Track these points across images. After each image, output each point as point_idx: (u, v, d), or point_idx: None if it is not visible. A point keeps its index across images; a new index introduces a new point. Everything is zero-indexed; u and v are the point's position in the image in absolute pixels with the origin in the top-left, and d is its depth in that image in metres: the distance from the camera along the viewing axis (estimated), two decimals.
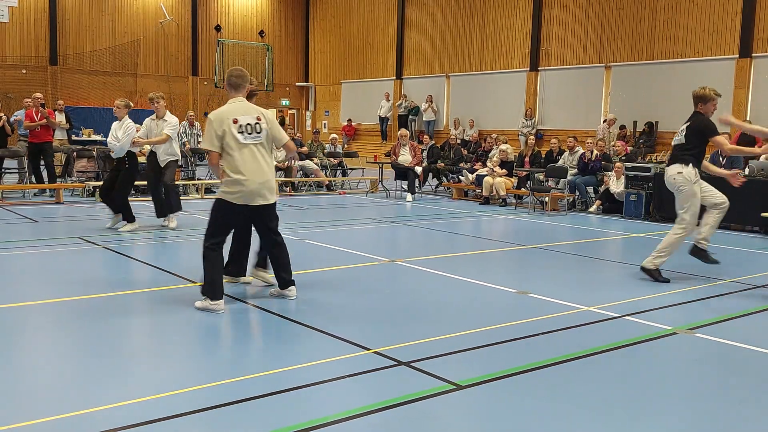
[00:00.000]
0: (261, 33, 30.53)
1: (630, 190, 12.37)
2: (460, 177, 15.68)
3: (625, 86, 20.26)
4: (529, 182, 14.32)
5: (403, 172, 15.13)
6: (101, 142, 17.41)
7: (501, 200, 14.15)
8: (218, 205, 5.70)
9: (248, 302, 5.89)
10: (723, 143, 7.01)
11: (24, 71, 25.56)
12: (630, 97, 20.05)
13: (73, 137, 18.37)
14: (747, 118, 17.04)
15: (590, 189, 13.60)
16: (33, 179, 13.77)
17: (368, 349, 4.63)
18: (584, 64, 21.27)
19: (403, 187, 15.23)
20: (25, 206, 11.96)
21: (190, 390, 3.88)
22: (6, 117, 13.90)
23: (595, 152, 13.69)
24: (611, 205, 12.92)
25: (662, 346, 4.95)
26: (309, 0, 31.53)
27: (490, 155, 15.43)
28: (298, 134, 19.61)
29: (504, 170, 14.35)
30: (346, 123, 29.04)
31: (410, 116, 25.79)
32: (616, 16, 20.40)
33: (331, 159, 17.75)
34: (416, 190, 15.11)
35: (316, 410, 3.64)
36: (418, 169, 15.17)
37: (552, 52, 22.09)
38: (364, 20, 28.85)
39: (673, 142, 7.18)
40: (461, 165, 16.09)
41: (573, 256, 8.60)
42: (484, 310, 5.83)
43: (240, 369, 4.29)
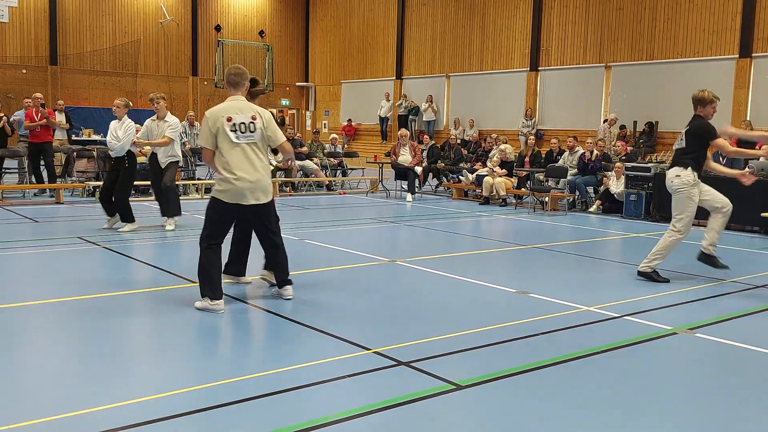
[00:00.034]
0: (261, 33, 30.53)
1: (630, 190, 12.37)
2: (460, 177, 15.68)
3: (625, 86, 20.26)
4: (529, 182, 14.33)
5: (403, 172, 15.13)
6: (101, 142, 17.39)
7: (501, 200, 14.15)
8: (212, 204, 5.70)
9: (248, 302, 5.89)
10: (724, 146, 7.02)
11: (24, 71, 25.57)
12: (630, 97, 20.05)
13: (73, 137, 18.38)
14: (747, 118, 17.06)
15: (590, 189, 13.60)
16: (33, 179, 13.77)
17: (368, 349, 4.63)
18: (584, 64, 21.27)
19: (403, 187, 15.23)
20: (25, 206, 11.96)
21: (190, 390, 3.89)
22: (6, 117, 13.91)
23: (595, 152, 13.69)
24: (611, 205, 12.92)
25: (662, 346, 4.95)
26: (309, 0, 31.54)
27: (490, 155, 15.42)
28: (298, 134, 19.59)
29: (504, 170, 14.35)
30: (346, 123, 29.04)
31: (410, 116, 25.79)
32: (616, 16, 20.40)
33: (331, 159, 17.76)
34: (416, 190, 15.11)
35: (316, 410, 3.64)
36: (418, 169, 15.17)
37: (552, 52, 22.09)
38: (364, 20, 28.85)
39: (675, 146, 7.20)
40: (461, 165, 16.08)
41: (573, 256, 8.61)
42: (484, 310, 5.83)
43: (240, 369, 4.29)
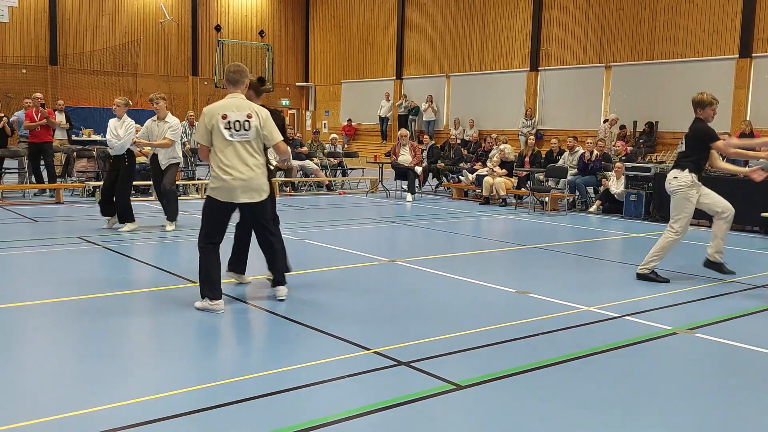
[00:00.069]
0: (261, 33, 30.53)
1: (630, 190, 12.37)
2: (460, 177, 15.68)
3: (625, 86, 20.26)
4: (529, 182, 14.32)
5: (403, 172, 15.13)
6: (101, 142, 17.39)
7: (501, 200, 14.15)
8: (207, 203, 5.69)
9: (248, 302, 5.89)
10: (723, 148, 7.02)
11: (24, 71, 25.56)
12: (630, 97, 20.05)
13: (73, 137, 18.38)
14: (747, 118, 17.07)
15: (590, 189, 13.60)
16: (33, 179, 13.77)
17: (368, 349, 4.63)
18: (584, 64, 21.27)
19: (403, 187, 15.22)
20: (24, 206, 11.96)
21: (189, 390, 3.88)
22: (6, 117, 13.91)
23: (595, 152, 13.69)
24: (611, 205, 12.92)
25: (662, 346, 4.94)
26: (309, 0, 31.54)
27: (490, 155, 15.41)
28: (298, 134, 19.59)
29: (504, 170, 14.34)
30: (346, 123, 29.04)
31: (410, 116, 25.79)
32: (616, 16, 20.40)
33: (331, 159, 17.75)
34: (416, 190, 15.11)
35: (316, 410, 3.64)
36: (418, 169, 15.17)
37: (552, 52, 22.09)
38: (364, 20, 28.85)
39: (676, 150, 7.21)
40: (461, 165, 16.08)
41: (573, 256, 8.61)
42: (484, 310, 5.82)
43: (240, 369, 4.29)
